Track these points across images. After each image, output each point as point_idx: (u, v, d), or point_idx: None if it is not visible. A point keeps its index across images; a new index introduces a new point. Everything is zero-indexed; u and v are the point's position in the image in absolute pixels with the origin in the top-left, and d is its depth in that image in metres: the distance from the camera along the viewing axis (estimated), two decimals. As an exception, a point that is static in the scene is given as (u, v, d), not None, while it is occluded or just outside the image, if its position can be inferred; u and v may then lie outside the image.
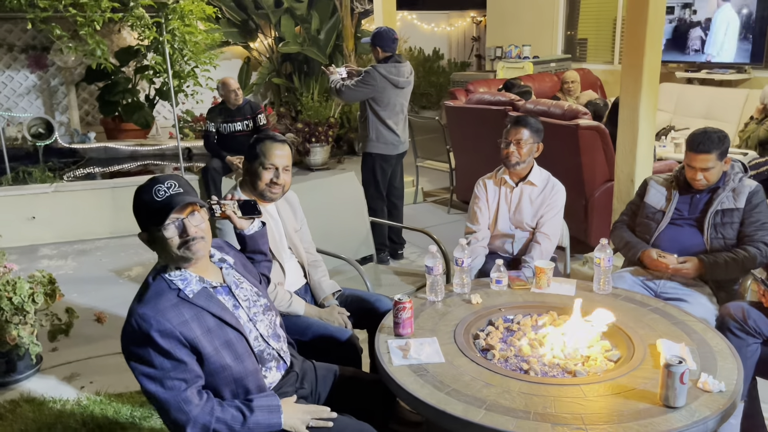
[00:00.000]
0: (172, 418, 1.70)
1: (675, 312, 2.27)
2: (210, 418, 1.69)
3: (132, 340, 1.69)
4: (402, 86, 4.34)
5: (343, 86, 4.28)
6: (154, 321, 1.67)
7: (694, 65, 7.05)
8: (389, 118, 4.34)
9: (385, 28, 4.47)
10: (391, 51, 4.30)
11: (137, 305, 1.72)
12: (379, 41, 4.29)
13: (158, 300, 1.72)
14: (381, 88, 4.24)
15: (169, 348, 1.67)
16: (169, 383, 1.68)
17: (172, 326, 1.68)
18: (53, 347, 3.46)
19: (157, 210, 1.72)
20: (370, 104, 4.32)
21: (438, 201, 6.35)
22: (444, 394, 1.78)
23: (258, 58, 8.79)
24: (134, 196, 1.78)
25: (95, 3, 4.83)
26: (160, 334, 1.67)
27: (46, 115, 7.44)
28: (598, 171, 4.44)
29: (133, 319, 1.69)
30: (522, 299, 2.41)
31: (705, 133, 2.69)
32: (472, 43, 11.13)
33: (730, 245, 2.70)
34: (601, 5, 8.27)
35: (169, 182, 1.76)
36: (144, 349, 1.67)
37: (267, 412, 1.78)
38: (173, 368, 1.68)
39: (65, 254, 5.10)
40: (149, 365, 1.68)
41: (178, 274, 1.79)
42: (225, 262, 1.96)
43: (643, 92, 3.69)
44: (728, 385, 1.77)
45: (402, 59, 4.39)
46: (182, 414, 1.68)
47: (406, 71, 4.38)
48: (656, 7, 3.59)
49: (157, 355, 1.67)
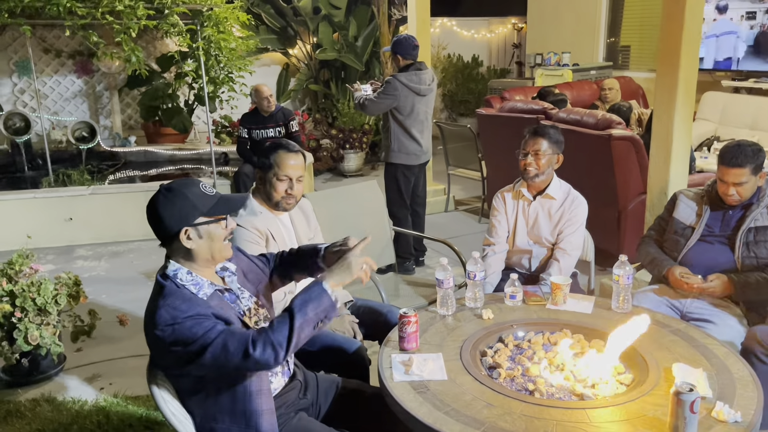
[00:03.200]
0: (234, 356, 1.62)
1: (697, 334, 2.15)
2: (265, 338, 1.63)
3: (167, 330, 1.64)
4: (424, 93, 4.29)
5: (367, 100, 4.26)
6: (185, 307, 1.66)
7: (742, 74, 6.78)
8: (412, 126, 4.30)
9: (406, 35, 4.44)
10: (412, 58, 4.26)
11: (162, 300, 1.68)
12: (399, 49, 4.26)
13: (180, 294, 1.71)
14: (403, 97, 4.21)
15: (203, 320, 1.65)
16: (212, 337, 1.62)
17: (203, 309, 1.68)
18: (78, 348, 3.53)
19: (218, 202, 1.77)
20: (392, 113, 4.29)
21: (469, 210, 6.26)
22: (442, 414, 1.73)
23: (296, 64, 8.88)
24: (175, 190, 1.75)
25: (131, 11, 4.95)
26: (197, 313, 1.65)
27: (91, 119, 7.67)
28: (632, 182, 4.29)
29: (163, 311, 1.65)
30: (536, 315, 2.33)
31: (738, 146, 2.56)
32: (513, 50, 10.98)
33: (764, 265, 2.55)
34: (645, 11, 8.04)
35: (204, 183, 1.81)
36: (181, 330, 1.63)
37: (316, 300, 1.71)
38: (212, 327, 1.64)
39: (100, 255, 5.22)
40: (189, 341, 1.62)
41: (189, 279, 1.77)
42: (227, 270, 1.95)
43: (678, 102, 3.54)
44: (745, 415, 1.66)
45: (424, 66, 4.35)
46: (241, 345, 1.61)
47: (427, 78, 4.32)
48: (693, 12, 3.44)
49: (196, 326, 1.63)
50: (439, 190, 6.29)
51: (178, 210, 1.73)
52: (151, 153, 7.29)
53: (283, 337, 1.63)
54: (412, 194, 4.53)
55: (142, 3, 5.14)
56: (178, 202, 1.73)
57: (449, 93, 10.49)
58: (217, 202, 1.78)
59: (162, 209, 1.74)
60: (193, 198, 1.74)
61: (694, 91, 3.64)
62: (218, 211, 1.77)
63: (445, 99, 10.59)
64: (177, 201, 1.74)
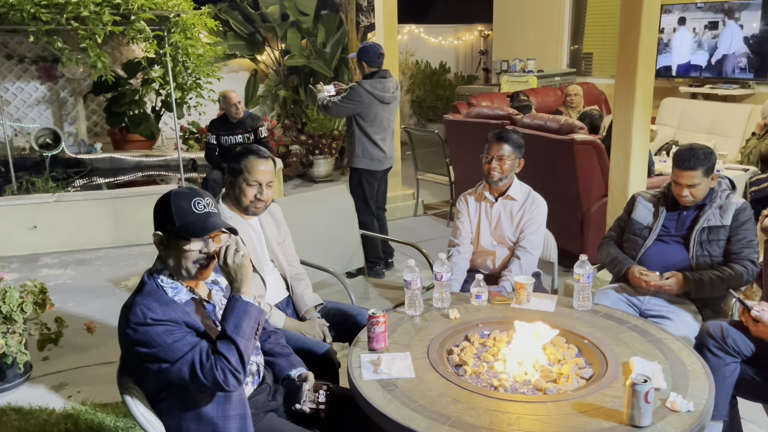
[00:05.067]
0: (187, 379, 1.68)
1: (653, 330, 2.25)
2: (210, 361, 1.68)
3: (137, 329, 1.68)
4: (388, 101, 4.36)
5: (330, 102, 4.32)
6: (159, 310, 1.70)
7: (699, 80, 7.01)
8: (376, 133, 4.36)
9: (372, 43, 4.51)
10: (377, 66, 4.33)
11: (140, 297, 1.74)
12: (365, 56, 4.32)
13: (159, 294, 1.76)
14: (367, 104, 4.27)
15: (173, 329, 1.69)
16: (176, 352, 1.67)
17: (177, 315, 1.72)
18: (44, 356, 3.49)
19: (193, 222, 1.77)
20: (356, 120, 4.34)
21: (438, 214, 6.35)
22: (410, 410, 1.78)
23: (265, 70, 8.87)
24: (167, 199, 1.80)
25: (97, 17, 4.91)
26: (166, 320, 1.69)
27: (55, 125, 7.54)
28: (594, 185, 4.42)
29: (137, 309, 1.70)
30: (501, 314, 2.40)
31: (691, 150, 2.67)
32: (480, 57, 11.15)
33: (717, 263, 2.67)
34: (606, 19, 8.25)
35: (209, 200, 1.83)
36: (150, 333, 1.67)
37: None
38: (180, 339, 1.69)
39: (65, 263, 5.15)
40: (155, 345, 1.67)
41: (169, 282, 1.81)
42: (217, 284, 1.97)
43: (636, 108, 3.68)
44: (697, 405, 1.75)
45: (388, 74, 4.41)
46: (191, 370, 1.67)
47: (392, 86, 4.39)
48: (649, 21, 3.59)
49: (164, 334, 1.68)
50: (408, 195, 6.36)
51: (160, 213, 1.81)
52: (117, 160, 7.21)
53: (237, 362, 1.70)
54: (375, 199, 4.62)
55: (107, 9, 5.10)
56: (164, 207, 1.80)
57: (417, 99, 10.59)
58: (193, 221, 1.78)
59: (155, 208, 1.82)
60: (174, 209, 1.78)
61: (651, 97, 3.78)
62: (187, 230, 1.77)
63: (414, 105, 10.69)
64: (164, 205, 1.80)
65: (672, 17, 7.01)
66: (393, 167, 4.67)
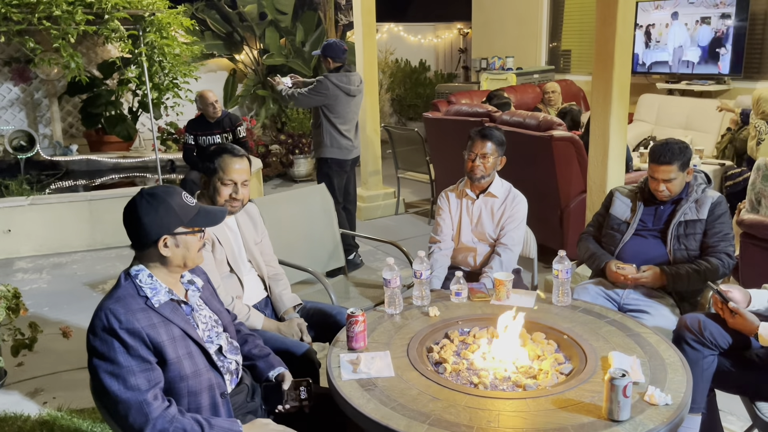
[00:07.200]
0: (130, 421, 1.64)
1: (631, 324, 2.25)
2: (169, 425, 1.65)
3: (99, 335, 1.66)
4: (353, 94, 4.52)
5: (296, 93, 4.46)
6: (123, 318, 1.66)
7: (675, 76, 7.08)
8: (342, 124, 4.51)
9: (335, 40, 4.66)
10: (341, 61, 4.49)
11: (108, 301, 1.71)
12: (329, 52, 4.48)
13: (129, 301, 1.72)
14: (333, 96, 4.41)
15: (136, 346, 1.65)
16: (132, 382, 1.64)
17: (141, 327, 1.68)
18: (19, 362, 3.42)
19: (196, 215, 1.81)
20: (323, 111, 4.48)
21: (419, 212, 6.34)
22: (389, 409, 1.76)
23: (243, 70, 8.80)
24: (159, 197, 1.76)
25: (69, 16, 4.82)
26: (128, 332, 1.65)
27: (29, 127, 7.41)
28: (573, 182, 4.44)
29: (102, 314, 1.67)
30: (481, 311, 2.39)
31: (666, 145, 2.69)
32: (459, 55, 11.16)
33: (693, 256, 2.69)
34: (583, 16, 8.31)
35: (185, 193, 1.84)
36: (110, 345, 1.65)
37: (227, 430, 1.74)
38: (137, 367, 1.65)
39: (41, 267, 5.06)
40: (113, 362, 1.64)
41: (148, 282, 1.77)
42: (193, 284, 1.95)
43: (613, 104, 3.70)
44: (675, 398, 1.76)
45: (352, 69, 4.60)
46: (142, 416, 1.63)
47: (356, 80, 4.56)
48: (624, 20, 3.61)
49: (123, 353, 1.65)
50: (389, 194, 6.34)
51: (160, 217, 1.75)
52: (93, 162, 7.11)
53: None
54: (345, 192, 4.72)
55: (80, 8, 5.01)
56: (161, 210, 1.75)
57: (398, 97, 10.58)
58: (197, 213, 1.82)
59: (143, 215, 1.75)
60: (176, 207, 1.77)
61: (628, 93, 3.80)
62: (198, 222, 1.82)
63: (394, 103, 10.68)
64: (160, 208, 1.75)
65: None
66: (374, 166, 4.70)
